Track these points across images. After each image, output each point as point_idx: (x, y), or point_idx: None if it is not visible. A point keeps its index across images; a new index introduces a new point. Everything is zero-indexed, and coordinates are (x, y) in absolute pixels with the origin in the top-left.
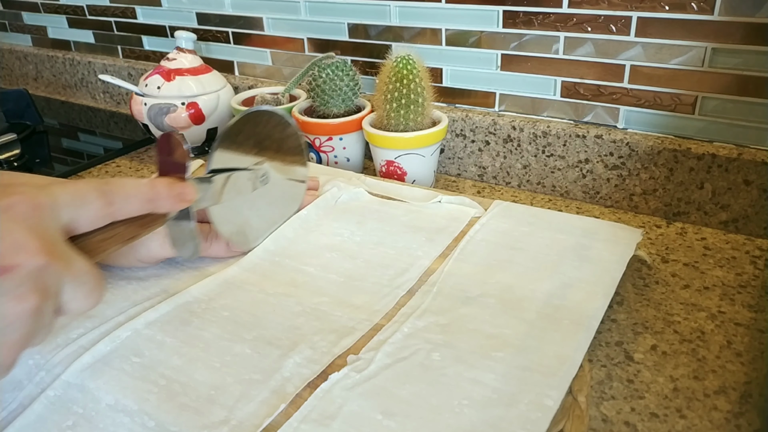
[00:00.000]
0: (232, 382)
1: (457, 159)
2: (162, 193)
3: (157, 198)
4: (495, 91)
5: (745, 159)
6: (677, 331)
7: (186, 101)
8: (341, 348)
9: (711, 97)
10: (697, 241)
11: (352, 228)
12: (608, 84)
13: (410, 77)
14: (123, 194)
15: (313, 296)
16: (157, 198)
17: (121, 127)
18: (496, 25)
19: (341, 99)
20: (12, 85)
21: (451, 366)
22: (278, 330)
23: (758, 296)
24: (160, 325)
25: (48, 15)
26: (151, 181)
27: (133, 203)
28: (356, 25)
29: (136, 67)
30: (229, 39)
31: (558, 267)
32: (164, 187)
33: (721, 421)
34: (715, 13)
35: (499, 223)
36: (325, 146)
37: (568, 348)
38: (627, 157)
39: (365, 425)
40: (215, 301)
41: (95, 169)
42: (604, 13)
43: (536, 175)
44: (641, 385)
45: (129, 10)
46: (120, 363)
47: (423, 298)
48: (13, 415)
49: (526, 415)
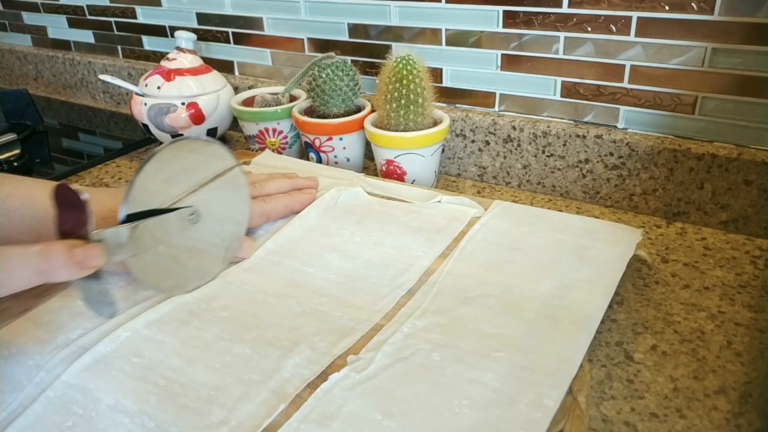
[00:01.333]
0: (232, 383)
1: (457, 159)
2: (57, 262)
3: (51, 269)
4: (495, 91)
5: (745, 159)
6: (677, 331)
7: (186, 101)
8: (341, 348)
9: (711, 97)
10: (697, 241)
11: (352, 228)
12: (608, 84)
13: (410, 77)
14: (6, 268)
15: (313, 296)
16: (51, 269)
17: (121, 127)
18: (496, 25)
19: (341, 99)
20: (12, 85)
21: (451, 366)
22: (278, 330)
23: (758, 296)
24: (159, 326)
25: (48, 15)
26: (43, 249)
27: (20, 277)
28: (356, 25)
29: (136, 67)
30: (229, 39)
31: (558, 267)
32: (60, 255)
33: (721, 421)
34: (715, 13)
35: (499, 223)
36: (325, 146)
37: (568, 348)
38: (627, 157)
39: (365, 425)
40: (215, 302)
41: (95, 169)
42: (604, 13)
43: (536, 175)
44: (641, 385)
45: (129, 10)
46: (120, 363)
47: (423, 299)
48: (13, 415)
49: (526, 415)
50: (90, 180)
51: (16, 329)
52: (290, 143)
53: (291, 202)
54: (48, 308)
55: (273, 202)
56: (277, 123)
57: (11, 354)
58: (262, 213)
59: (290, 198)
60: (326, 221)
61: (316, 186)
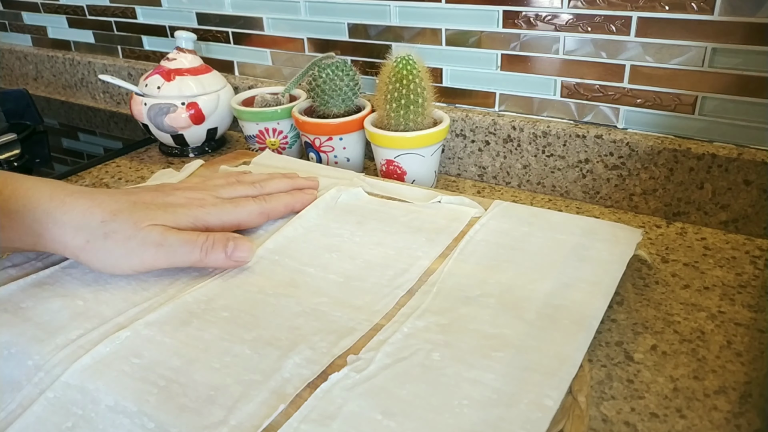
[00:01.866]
0: (232, 383)
1: (457, 159)
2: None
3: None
4: (495, 91)
5: (745, 159)
6: (677, 331)
7: (186, 101)
8: (341, 348)
9: (711, 97)
10: (697, 241)
11: (352, 228)
12: (608, 84)
13: (410, 77)
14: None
15: (312, 296)
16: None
17: (121, 127)
18: (496, 25)
19: (341, 99)
20: (12, 85)
21: (451, 366)
22: (278, 330)
23: (758, 296)
24: (159, 326)
25: (48, 15)
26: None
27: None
28: (356, 25)
29: (136, 67)
30: (229, 39)
31: (558, 267)
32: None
33: (721, 421)
34: (715, 13)
35: (499, 223)
36: (325, 146)
37: (568, 348)
38: (627, 157)
39: (365, 425)
40: (214, 302)
41: (95, 169)
42: (604, 13)
43: (536, 175)
44: (641, 385)
45: (129, 10)
46: (120, 364)
47: (423, 298)
48: (13, 416)
49: (526, 415)
50: (90, 180)
51: (15, 329)
52: (290, 143)
53: (292, 202)
54: (48, 308)
55: (274, 201)
56: (277, 123)
57: (11, 354)
58: (263, 212)
59: (291, 197)
60: (326, 221)
61: (316, 186)
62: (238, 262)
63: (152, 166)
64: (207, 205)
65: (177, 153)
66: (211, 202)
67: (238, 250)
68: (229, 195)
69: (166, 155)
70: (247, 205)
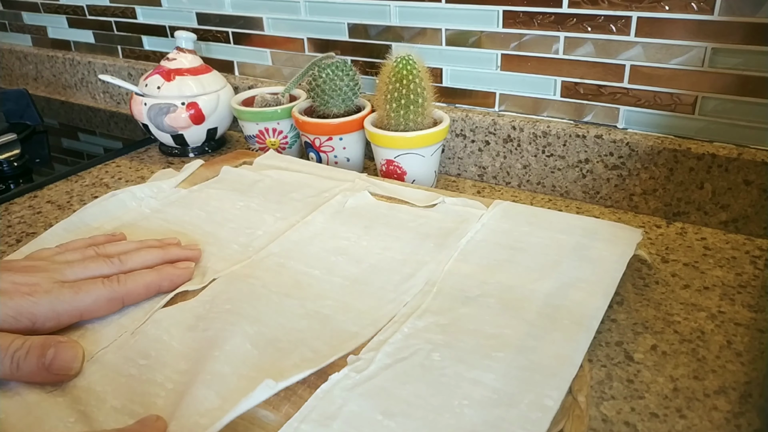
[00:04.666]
0: (229, 373)
1: (457, 159)
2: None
3: None
4: (495, 91)
5: (745, 159)
6: (677, 331)
7: (186, 101)
8: (342, 351)
9: (711, 97)
10: (697, 241)
11: (359, 232)
12: (608, 84)
13: (410, 77)
14: None
15: (316, 299)
16: None
17: (121, 127)
18: (496, 25)
19: (341, 99)
20: (12, 85)
21: (451, 366)
22: (280, 331)
23: (758, 296)
24: (166, 327)
25: (48, 15)
26: None
27: None
28: (356, 25)
29: (136, 67)
30: (229, 39)
31: (558, 267)
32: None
33: (721, 421)
34: (715, 13)
35: (499, 223)
36: (325, 146)
37: (568, 348)
38: (627, 157)
39: (365, 425)
40: (218, 297)
41: (95, 169)
42: (604, 13)
43: (536, 175)
44: (641, 385)
45: (129, 10)
46: (127, 367)
47: (423, 298)
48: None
49: (526, 415)
50: (90, 180)
51: None
52: (290, 143)
53: (157, 281)
54: None
55: (130, 282)
56: (277, 123)
57: None
58: (113, 298)
59: (156, 275)
60: (333, 225)
61: (196, 258)
62: (59, 375)
63: (152, 166)
64: (38, 293)
65: (177, 153)
66: (45, 287)
67: (59, 359)
68: (76, 276)
69: (166, 155)
70: (92, 290)
